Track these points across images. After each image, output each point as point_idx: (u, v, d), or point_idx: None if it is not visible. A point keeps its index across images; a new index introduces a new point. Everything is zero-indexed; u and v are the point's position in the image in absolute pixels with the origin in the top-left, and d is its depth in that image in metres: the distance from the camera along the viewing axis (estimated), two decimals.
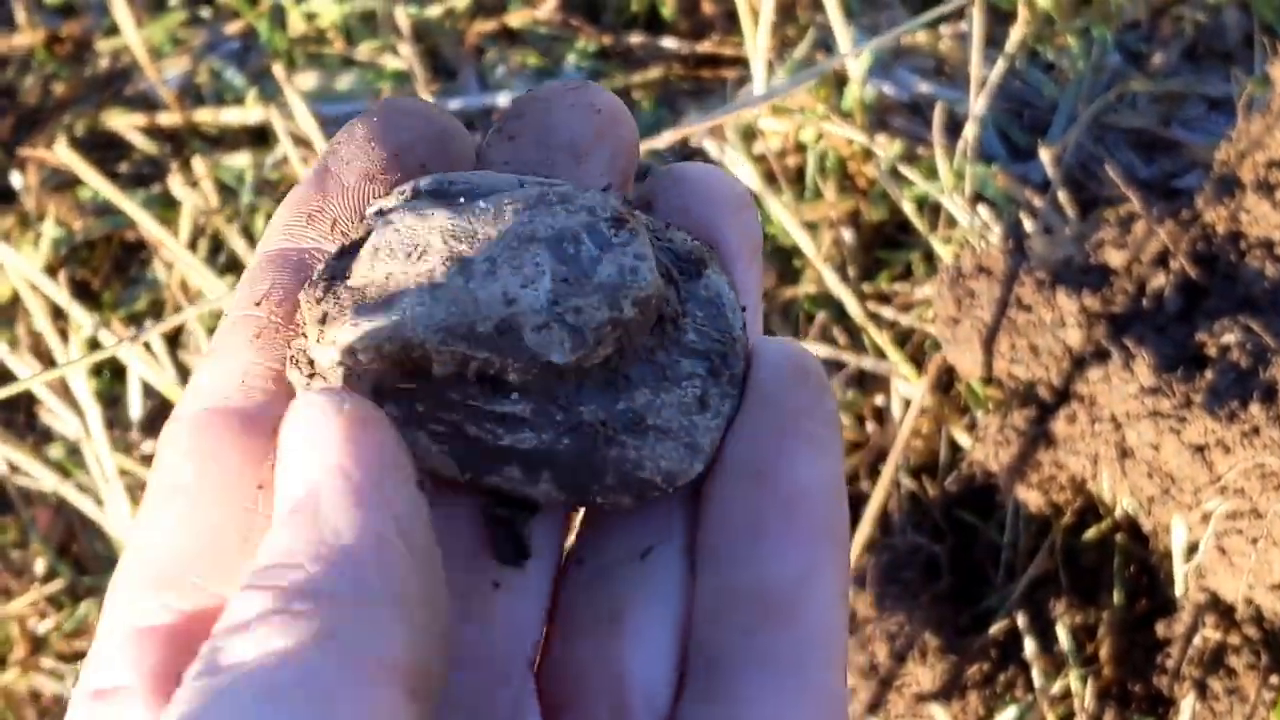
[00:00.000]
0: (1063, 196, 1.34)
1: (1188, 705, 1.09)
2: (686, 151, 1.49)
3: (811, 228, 1.38)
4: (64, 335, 1.35)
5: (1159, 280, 1.16)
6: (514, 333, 0.47)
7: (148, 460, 1.33)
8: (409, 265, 0.48)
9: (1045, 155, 1.35)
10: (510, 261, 0.48)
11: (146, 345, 1.26)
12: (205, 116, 1.57)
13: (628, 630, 0.47)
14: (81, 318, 1.30)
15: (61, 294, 1.30)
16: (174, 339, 1.39)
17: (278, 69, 1.12)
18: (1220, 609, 1.09)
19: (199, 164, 1.34)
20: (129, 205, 1.04)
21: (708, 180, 0.53)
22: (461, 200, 0.50)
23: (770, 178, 1.42)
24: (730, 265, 0.52)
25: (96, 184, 1.20)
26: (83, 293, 1.47)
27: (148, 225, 1.08)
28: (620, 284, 0.48)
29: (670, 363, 0.49)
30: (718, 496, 0.48)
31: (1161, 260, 1.18)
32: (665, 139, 0.79)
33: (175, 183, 1.25)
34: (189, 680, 0.40)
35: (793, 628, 0.46)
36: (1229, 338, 1.08)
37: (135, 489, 1.31)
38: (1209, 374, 1.07)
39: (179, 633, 0.45)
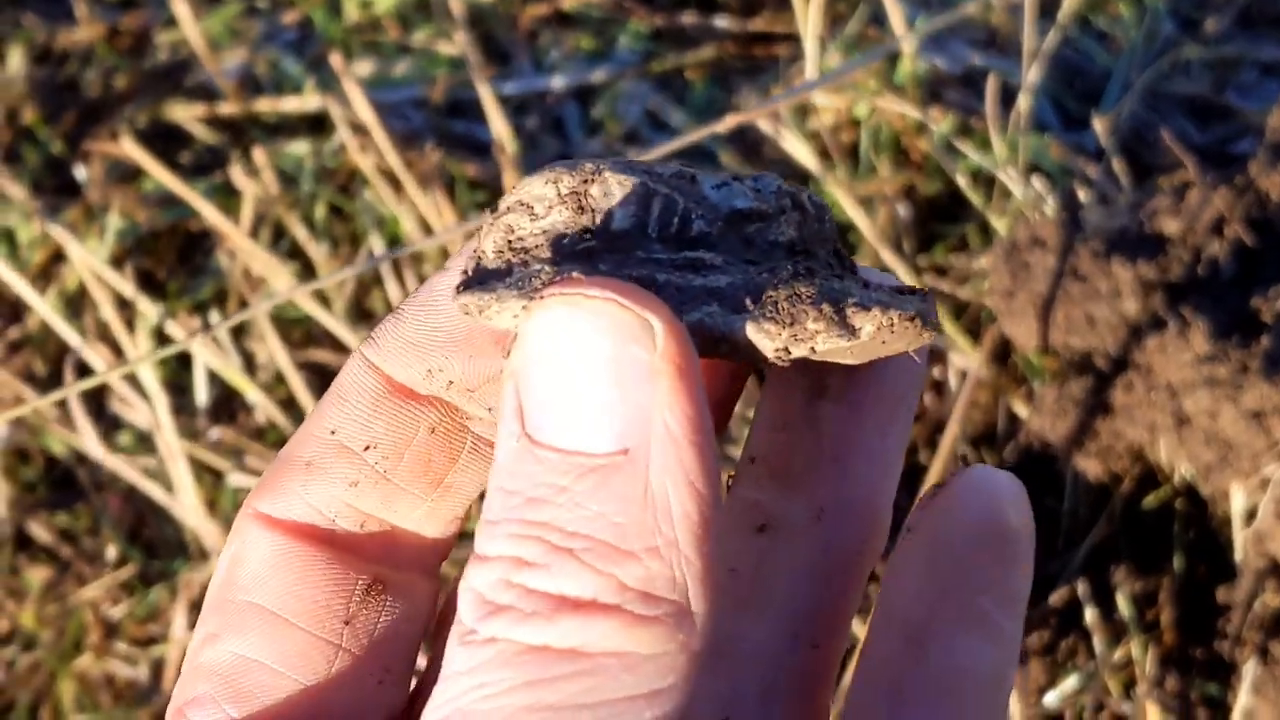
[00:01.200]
0: (1117, 165, 1.34)
1: (1249, 669, 1.09)
2: (741, 131, 1.50)
3: (866, 203, 1.39)
4: (130, 325, 1.37)
5: (1214, 247, 1.16)
6: (695, 184, 0.47)
7: (216, 447, 1.36)
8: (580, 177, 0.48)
9: (1099, 124, 1.35)
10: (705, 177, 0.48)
11: (213, 337, 1.28)
12: (264, 106, 1.59)
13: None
14: (147, 308, 1.33)
15: (127, 285, 1.32)
16: (239, 329, 1.41)
17: (335, 57, 1.13)
18: None
19: (259, 153, 1.36)
20: (191, 195, 1.05)
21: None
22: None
23: (825, 154, 1.43)
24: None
25: (160, 175, 1.22)
26: (148, 283, 1.49)
27: (210, 214, 1.10)
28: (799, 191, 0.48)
29: (847, 278, 0.48)
30: (874, 657, 0.47)
31: (1217, 227, 1.18)
32: (726, 123, 0.79)
33: (237, 172, 1.27)
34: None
35: None
36: None
37: (202, 474, 1.33)
38: (1265, 340, 1.07)
39: None
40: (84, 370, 1.40)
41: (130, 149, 1.26)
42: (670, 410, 0.39)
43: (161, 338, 1.37)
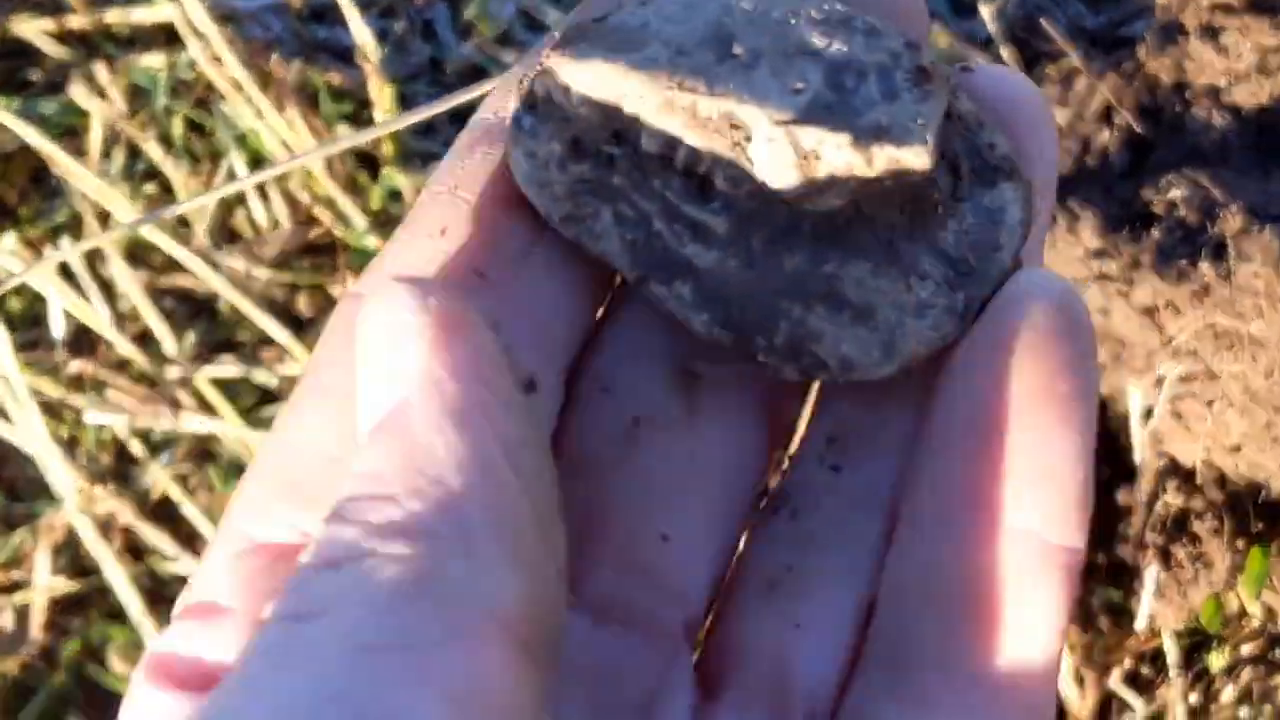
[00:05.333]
0: (1006, 53, 1.29)
1: (1151, 574, 1.06)
2: None
3: None
4: None
5: (1103, 137, 1.12)
6: (738, 128, 0.41)
7: (74, 383, 1.29)
8: (666, 23, 0.43)
9: (985, 10, 1.30)
10: (774, 64, 0.42)
11: (64, 266, 1.21)
12: (115, 17, 1.51)
13: (801, 603, 0.42)
14: None
15: None
16: (95, 255, 1.34)
17: None
18: (1180, 474, 1.06)
19: (102, 69, 1.28)
20: (18, 124, 0.98)
21: (1014, 86, 0.46)
22: None
23: None
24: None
25: None
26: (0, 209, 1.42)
27: (37, 141, 1.03)
28: (879, 137, 0.41)
29: (908, 251, 0.42)
30: (937, 453, 0.41)
31: (1105, 116, 1.13)
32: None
33: (79, 91, 1.20)
34: (273, 618, 0.35)
35: (1000, 630, 0.39)
36: (1175, 193, 1.04)
37: (56, 409, 1.27)
38: (1156, 232, 1.03)
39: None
40: None
41: None
42: (432, 358, 0.36)
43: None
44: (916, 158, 0.41)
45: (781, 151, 0.41)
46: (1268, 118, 1.08)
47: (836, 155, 0.41)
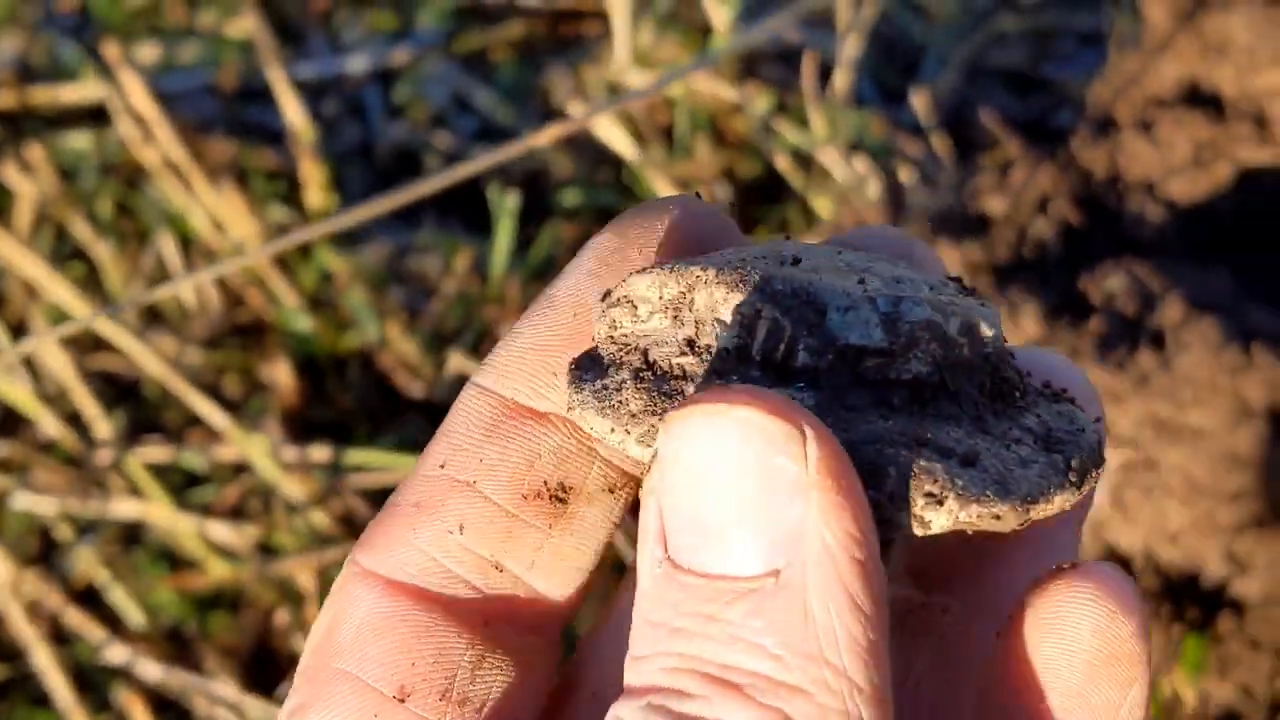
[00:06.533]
0: (938, 142, 1.30)
1: None
2: (552, 112, 1.44)
3: (684, 186, 1.34)
4: None
5: (1039, 226, 1.13)
6: (812, 305, 0.42)
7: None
8: (729, 254, 0.44)
9: (917, 99, 1.31)
10: (834, 270, 0.43)
11: None
12: (41, 96, 1.50)
13: None
14: None
15: None
16: (19, 334, 1.32)
17: (109, 45, 1.05)
18: (1118, 561, 1.07)
19: (34, 150, 1.27)
20: None
21: (1066, 368, 0.50)
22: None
23: (639, 136, 1.37)
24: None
25: None
26: None
27: None
28: (949, 307, 0.42)
29: (997, 425, 0.43)
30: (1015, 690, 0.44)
31: (1041, 206, 1.14)
32: (549, 134, 0.73)
33: (9, 171, 1.18)
34: None
35: None
36: (1113, 282, 1.05)
37: None
38: (1095, 322, 1.04)
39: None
40: None
41: None
42: (827, 525, 0.36)
43: None
44: (987, 324, 0.43)
45: (861, 312, 0.42)
46: (1203, 210, 1.10)
47: (917, 311, 0.42)
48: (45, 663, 1.12)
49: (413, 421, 1.25)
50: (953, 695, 0.46)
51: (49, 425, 1.18)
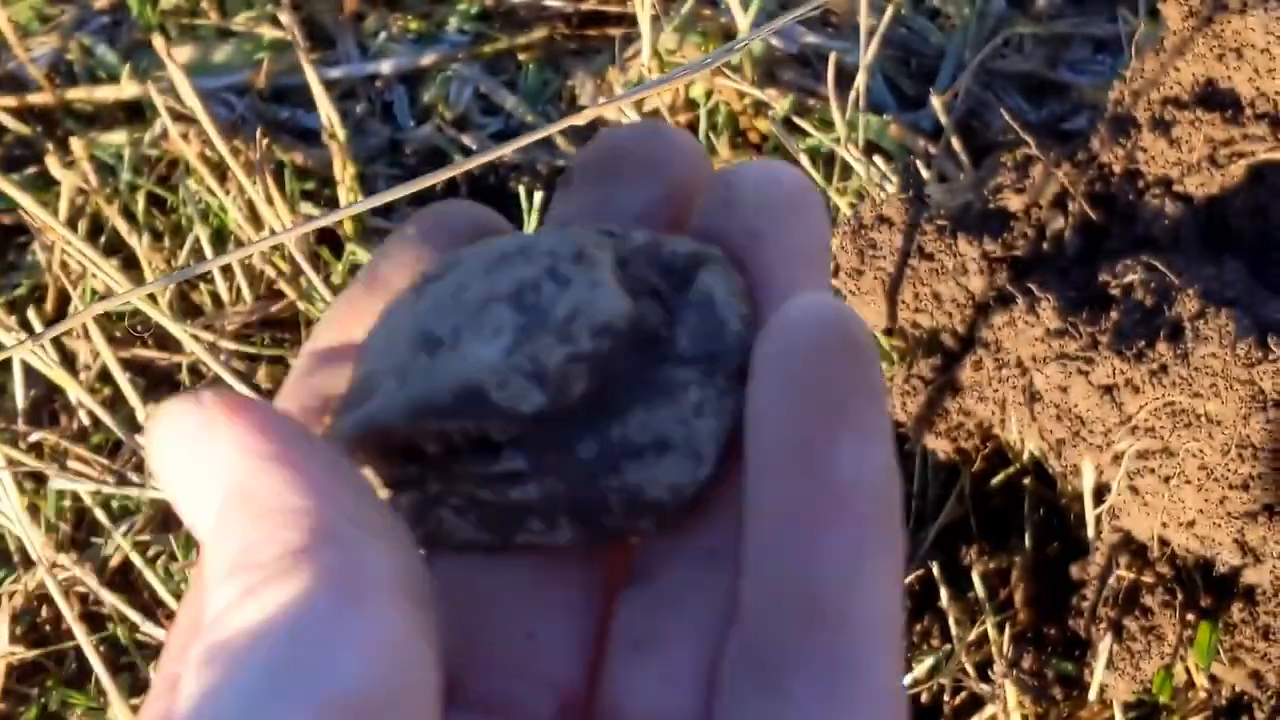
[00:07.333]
0: (955, 143, 1.33)
1: (1104, 646, 1.09)
2: (576, 111, 1.47)
3: None
4: None
5: (1059, 223, 1.16)
6: (478, 395, 0.44)
7: (35, 449, 1.30)
8: (381, 357, 0.46)
9: (936, 102, 1.34)
10: (472, 326, 0.45)
11: (29, 329, 1.22)
12: (79, 94, 1.53)
13: (658, 659, 0.44)
14: None
15: None
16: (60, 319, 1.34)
17: (157, 39, 1.08)
18: (1133, 549, 1.10)
19: (76, 144, 1.30)
20: (7, 187, 1.00)
21: (759, 182, 0.49)
22: (437, 279, 0.47)
23: None
24: (781, 267, 0.48)
25: None
26: None
27: (28, 205, 1.04)
28: (574, 318, 0.45)
29: (662, 377, 0.46)
30: (762, 490, 0.43)
31: (1060, 203, 1.17)
32: (566, 122, 0.76)
33: (53, 163, 1.21)
34: (193, 665, 0.38)
35: (846, 627, 0.42)
36: (1131, 277, 1.08)
37: (22, 480, 1.27)
38: (1114, 314, 1.07)
39: None
40: None
41: None
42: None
43: None
44: (613, 311, 0.45)
45: (517, 385, 0.44)
46: (1218, 208, 1.13)
47: (554, 356, 0.44)
48: (84, 643, 1.15)
49: None
50: None
51: (95, 409, 1.20)
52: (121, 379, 1.16)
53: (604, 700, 0.45)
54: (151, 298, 1.32)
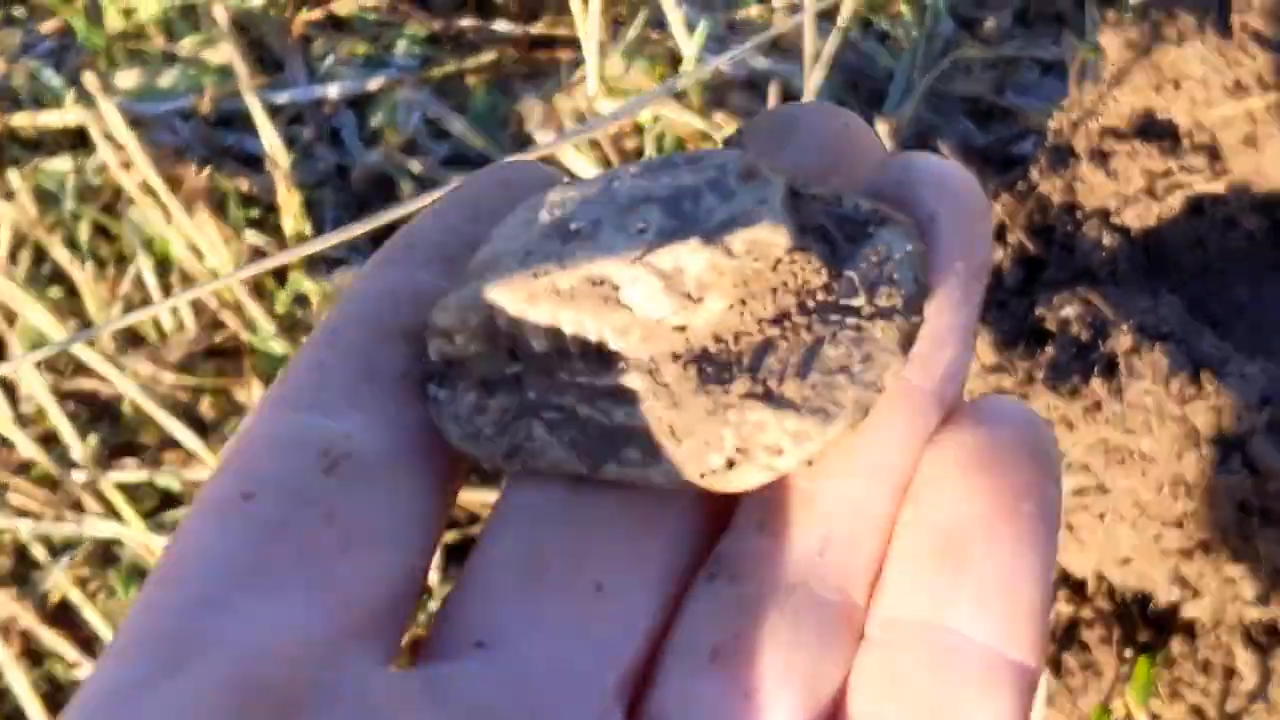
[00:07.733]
0: None
1: (1042, 682, 1.08)
2: (524, 139, 1.46)
3: None
4: None
5: (997, 254, 1.15)
6: (603, 287, 0.41)
7: None
8: (509, 241, 0.43)
9: (882, 127, 1.34)
10: (613, 223, 0.42)
11: None
12: (22, 120, 1.52)
13: (747, 669, 0.40)
14: None
15: None
16: None
17: (88, 75, 1.07)
18: (1071, 585, 1.09)
19: (13, 174, 1.29)
20: None
21: (939, 172, 0.45)
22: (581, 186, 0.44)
23: (606, 164, 1.40)
24: (949, 257, 0.43)
25: None
26: None
27: None
28: (728, 228, 0.41)
29: (816, 323, 0.41)
30: (897, 558, 0.41)
31: (999, 234, 1.17)
32: (523, 156, 0.75)
33: None
34: None
35: None
36: (1068, 310, 1.08)
37: None
38: (1049, 349, 1.06)
39: None
40: None
41: None
42: None
43: None
44: (772, 232, 0.41)
45: (648, 284, 0.41)
46: (1155, 240, 1.13)
47: (695, 260, 0.41)
48: (19, 681, 1.14)
49: None
50: None
51: (25, 447, 1.20)
52: (58, 417, 1.15)
53: (665, 701, 0.41)
54: (89, 325, 1.31)
